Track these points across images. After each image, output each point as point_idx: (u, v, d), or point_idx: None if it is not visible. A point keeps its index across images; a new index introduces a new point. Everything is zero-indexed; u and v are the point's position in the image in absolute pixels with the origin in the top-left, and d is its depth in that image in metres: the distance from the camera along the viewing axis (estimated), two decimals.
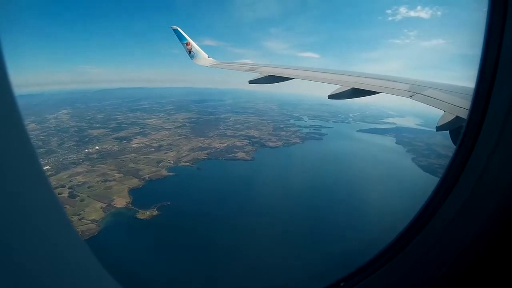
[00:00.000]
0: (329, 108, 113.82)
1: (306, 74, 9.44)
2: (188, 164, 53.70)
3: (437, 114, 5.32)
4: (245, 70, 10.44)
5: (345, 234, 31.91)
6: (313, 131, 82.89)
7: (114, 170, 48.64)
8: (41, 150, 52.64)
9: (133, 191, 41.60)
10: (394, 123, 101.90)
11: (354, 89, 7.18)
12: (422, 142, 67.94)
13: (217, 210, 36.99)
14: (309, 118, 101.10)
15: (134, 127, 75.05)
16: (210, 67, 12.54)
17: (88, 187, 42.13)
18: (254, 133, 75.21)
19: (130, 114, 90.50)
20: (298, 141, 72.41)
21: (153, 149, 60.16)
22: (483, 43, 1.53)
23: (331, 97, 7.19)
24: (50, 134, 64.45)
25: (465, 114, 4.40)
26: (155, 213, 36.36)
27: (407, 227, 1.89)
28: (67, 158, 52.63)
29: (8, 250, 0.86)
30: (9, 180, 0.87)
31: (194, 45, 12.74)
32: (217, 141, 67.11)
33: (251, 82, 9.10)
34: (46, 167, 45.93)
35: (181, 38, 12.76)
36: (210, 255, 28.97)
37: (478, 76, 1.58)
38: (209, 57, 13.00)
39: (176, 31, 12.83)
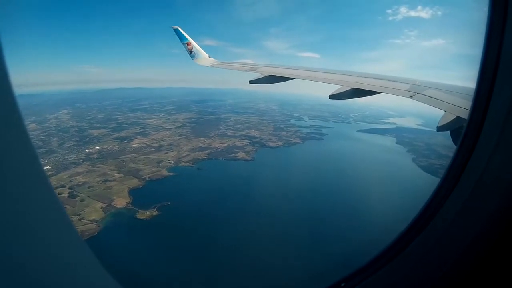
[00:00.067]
0: (329, 108, 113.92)
1: (307, 74, 9.44)
2: (188, 164, 53.70)
3: (437, 114, 5.31)
4: (245, 70, 10.43)
5: (345, 234, 31.88)
6: (313, 131, 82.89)
7: (114, 170, 48.66)
8: (41, 150, 52.63)
9: (133, 191, 41.62)
10: (394, 123, 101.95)
11: (354, 89, 7.17)
12: (423, 142, 67.92)
13: (217, 210, 36.99)
14: (309, 118, 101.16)
15: (135, 127, 75.09)
16: (210, 67, 12.53)
17: (88, 187, 42.16)
18: (254, 133, 75.21)
19: (131, 114, 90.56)
20: (299, 141, 72.40)
21: (153, 149, 60.16)
22: (484, 43, 1.53)
23: (332, 97, 7.18)
24: (50, 134, 64.49)
25: (465, 114, 4.39)
26: (155, 213, 36.36)
27: (408, 228, 1.89)
28: (68, 158, 52.66)
29: (8, 250, 0.86)
30: (9, 180, 0.87)
31: (195, 45, 12.74)
32: (217, 141, 67.11)
33: (252, 82, 9.11)
34: (47, 167, 45.96)
35: (181, 38, 12.75)
36: (210, 255, 28.95)
37: (479, 76, 1.58)
38: (209, 57, 12.98)
39: (176, 31, 12.81)
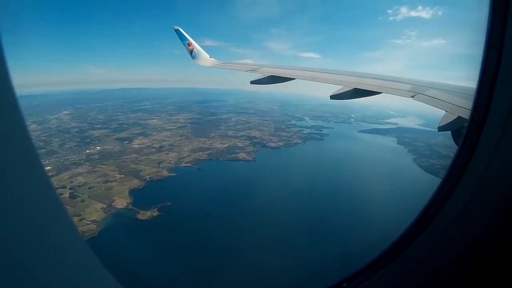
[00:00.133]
0: (330, 108, 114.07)
1: (308, 75, 9.40)
2: (189, 164, 53.74)
3: (438, 115, 5.29)
4: (246, 71, 10.39)
5: (346, 235, 31.87)
6: (314, 132, 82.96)
7: (115, 170, 48.73)
8: (42, 150, 52.73)
9: (133, 192, 41.66)
10: (395, 124, 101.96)
11: (355, 89, 7.14)
12: (424, 143, 67.84)
13: (218, 211, 36.98)
14: (310, 119, 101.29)
15: (136, 128, 75.25)
16: (211, 68, 12.51)
17: (89, 188, 42.20)
18: (255, 133, 75.24)
19: (132, 115, 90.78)
20: (300, 141, 72.42)
21: (154, 149, 60.24)
22: (485, 43, 1.52)
23: (333, 97, 7.16)
24: (51, 134, 64.67)
25: (467, 114, 4.39)
26: (156, 213, 36.37)
27: (409, 228, 1.89)
28: (68, 158, 52.77)
29: (11, 250, 0.87)
30: (10, 180, 0.87)
31: (196, 45, 12.72)
32: (218, 141, 67.15)
33: (253, 82, 9.09)
34: (47, 168, 46.04)
35: (183, 38, 12.73)
36: (210, 256, 28.96)
37: (480, 76, 1.58)
38: (210, 57, 12.95)
39: (178, 32, 12.80)
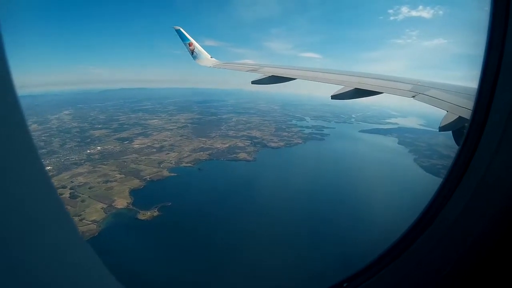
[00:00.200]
0: (331, 108, 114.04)
1: (309, 75, 9.38)
2: (189, 164, 53.81)
3: (439, 115, 5.27)
4: (247, 71, 10.36)
5: (346, 234, 31.83)
6: (315, 132, 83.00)
7: (116, 170, 48.81)
8: (43, 150, 52.88)
9: (134, 192, 41.72)
10: (396, 124, 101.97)
11: (356, 89, 7.13)
12: (425, 143, 67.81)
13: (218, 211, 37.00)
14: (311, 119, 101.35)
15: (136, 128, 75.36)
16: (212, 68, 12.49)
17: (89, 188, 42.28)
18: (256, 133, 75.28)
19: (132, 115, 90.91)
20: (300, 141, 72.45)
21: (154, 149, 60.32)
22: (486, 43, 1.52)
23: (334, 97, 7.14)
24: (52, 134, 64.81)
25: (468, 115, 4.38)
26: (156, 213, 36.42)
27: (410, 228, 1.88)
28: (69, 158, 52.89)
29: (11, 250, 0.87)
30: (11, 180, 0.88)
31: (197, 45, 12.70)
32: (219, 141, 67.20)
33: (254, 82, 9.08)
34: (48, 168, 46.11)
35: (183, 38, 12.71)
36: (211, 256, 28.97)
37: (481, 76, 1.57)
38: (211, 57, 12.93)
39: (178, 32, 12.77)
